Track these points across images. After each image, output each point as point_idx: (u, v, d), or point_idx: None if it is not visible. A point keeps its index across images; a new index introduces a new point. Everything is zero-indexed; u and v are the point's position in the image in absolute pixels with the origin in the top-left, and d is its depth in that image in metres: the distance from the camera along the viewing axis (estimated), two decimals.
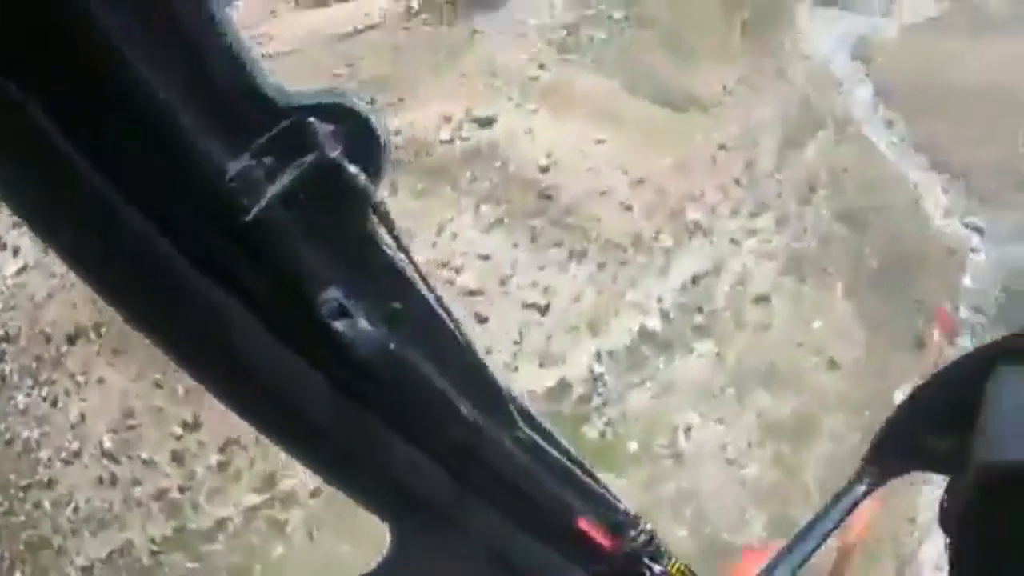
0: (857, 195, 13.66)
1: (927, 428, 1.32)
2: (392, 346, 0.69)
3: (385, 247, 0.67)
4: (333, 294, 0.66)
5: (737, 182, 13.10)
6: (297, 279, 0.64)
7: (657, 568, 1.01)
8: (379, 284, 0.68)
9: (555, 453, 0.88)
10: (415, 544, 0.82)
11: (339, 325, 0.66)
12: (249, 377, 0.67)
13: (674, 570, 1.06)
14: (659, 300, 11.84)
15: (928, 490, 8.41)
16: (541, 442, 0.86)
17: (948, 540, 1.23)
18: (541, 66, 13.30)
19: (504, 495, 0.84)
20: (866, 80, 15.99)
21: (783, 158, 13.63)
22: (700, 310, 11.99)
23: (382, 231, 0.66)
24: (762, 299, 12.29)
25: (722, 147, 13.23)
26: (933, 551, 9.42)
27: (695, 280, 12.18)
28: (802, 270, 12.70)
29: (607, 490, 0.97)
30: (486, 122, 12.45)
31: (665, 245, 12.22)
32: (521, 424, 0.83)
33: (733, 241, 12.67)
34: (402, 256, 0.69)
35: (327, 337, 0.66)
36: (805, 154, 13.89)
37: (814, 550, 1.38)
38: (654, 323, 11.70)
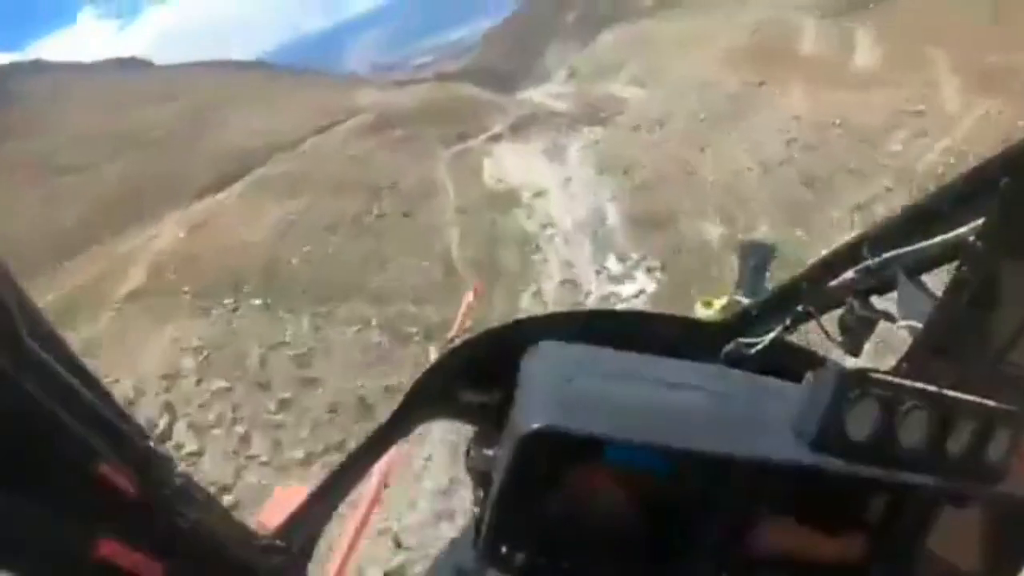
0: None
1: (462, 381, 1.38)
2: None
3: None
4: None
5: None
6: None
7: (193, 515, 0.82)
8: None
9: (67, 375, 0.65)
10: None
11: None
12: None
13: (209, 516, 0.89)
14: None
15: None
16: (50, 360, 0.63)
17: (475, 487, 1.33)
18: None
19: None
20: None
21: None
22: None
23: None
24: None
25: None
26: None
27: None
28: None
29: (133, 421, 0.77)
30: None
31: None
32: (25, 335, 0.59)
33: None
34: None
35: None
36: None
37: (347, 492, 1.38)
38: None
